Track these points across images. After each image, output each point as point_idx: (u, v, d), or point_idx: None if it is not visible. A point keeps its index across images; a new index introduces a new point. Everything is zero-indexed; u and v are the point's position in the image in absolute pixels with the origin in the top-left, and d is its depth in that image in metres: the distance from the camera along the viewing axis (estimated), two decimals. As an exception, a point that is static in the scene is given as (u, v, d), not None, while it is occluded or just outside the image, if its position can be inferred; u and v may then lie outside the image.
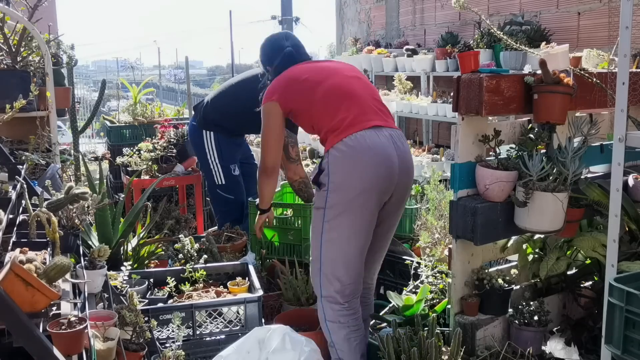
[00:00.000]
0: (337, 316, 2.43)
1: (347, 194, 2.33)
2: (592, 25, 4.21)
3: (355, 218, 2.35)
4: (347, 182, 2.33)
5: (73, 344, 1.52)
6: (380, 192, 2.37)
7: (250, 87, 3.58)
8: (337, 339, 2.44)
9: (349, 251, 2.38)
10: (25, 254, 1.59)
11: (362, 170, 2.31)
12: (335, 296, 2.41)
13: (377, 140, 2.35)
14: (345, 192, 2.33)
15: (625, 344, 1.74)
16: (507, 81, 2.35)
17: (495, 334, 2.52)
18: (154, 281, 2.86)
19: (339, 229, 2.35)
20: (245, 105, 3.45)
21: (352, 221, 2.35)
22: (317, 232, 2.40)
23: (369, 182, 2.32)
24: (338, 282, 2.40)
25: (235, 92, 3.74)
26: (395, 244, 3.27)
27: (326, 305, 2.44)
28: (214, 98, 3.82)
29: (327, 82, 2.49)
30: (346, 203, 2.33)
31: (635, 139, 1.90)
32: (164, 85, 28.29)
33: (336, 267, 2.39)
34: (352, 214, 2.34)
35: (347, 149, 2.33)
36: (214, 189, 3.87)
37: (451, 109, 2.84)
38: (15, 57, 3.49)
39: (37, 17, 3.59)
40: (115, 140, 4.91)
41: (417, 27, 6.32)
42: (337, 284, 2.40)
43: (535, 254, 2.71)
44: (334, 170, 2.34)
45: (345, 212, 2.34)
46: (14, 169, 2.44)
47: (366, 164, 2.32)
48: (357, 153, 2.32)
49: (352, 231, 2.36)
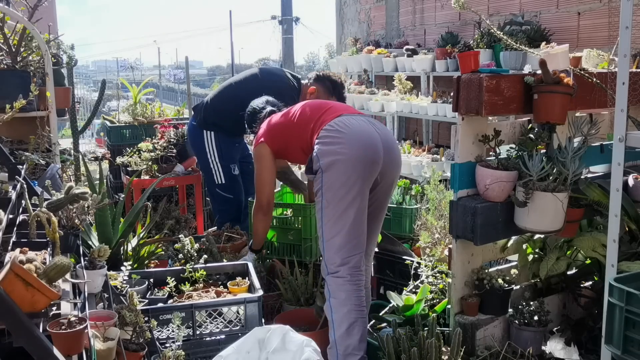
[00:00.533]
0: (340, 290, 2.50)
1: (338, 169, 2.47)
2: (592, 25, 4.21)
3: (349, 189, 2.48)
4: (335, 158, 2.48)
5: (73, 344, 1.52)
6: (367, 164, 2.51)
7: (249, 87, 3.58)
8: (337, 317, 2.48)
9: (346, 223, 2.50)
10: (25, 254, 1.59)
11: (347, 144, 2.49)
12: (339, 270, 2.51)
13: (353, 121, 2.57)
14: (336, 167, 2.47)
15: (625, 344, 1.74)
16: (507, 81, 2.35)
17: (495, 334, 2.52)
18: (154, 281, 2.85)
19: (336, 203, 2.49)
20: (244, 104, 3.45)
21: (346, 193, 2.48)
22: (319, 213, 2.56)
23: (355, 154, 2.48)
24: (339, 256, 2.51)
25: (235, 91, 3.74)
26: (395, 244, 3.27)
27: (331, 281, 2.53)
28: (214, 98, 3.82)
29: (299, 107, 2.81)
30: (338, 177, 2.48)
31: (635, 139, 1.90)
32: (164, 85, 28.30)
33: (337, 239, 2.51)
34: (345, 186, 2.48)
35: (329, 132, 2.54)
36: (214, 188, 3.87)
37: (451, 109, 2.85)
38: (15, 57, 3.49)
39: (37, 17, 3.59)
40: (115, 140, 4.91)
41: (417, 27, 6.32)
42: (338, 257, 2.51)
43: (535, 254, 2.71)
44: (321, 153, 2.51)
45: (339, 185, 2.48)
46: (14, 169, 2.44)
47: (349, 140, 2.50)
48: (339, 133, 2.52)
49: (347, 203, 2.48)
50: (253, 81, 3.70)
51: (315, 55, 32.25)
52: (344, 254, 2.51)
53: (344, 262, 2.51)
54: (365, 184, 2.52)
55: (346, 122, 2.56)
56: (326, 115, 2.64)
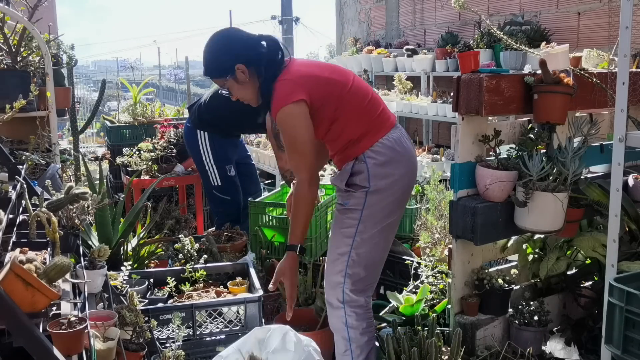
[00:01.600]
0: (361, 320, 2.33)
1: (386, 196, 2.28)
2: (592, 25, 4.21)
3: (389, 219, 2.33)
4: (388, 184, 2.28)
5: (73, 344, 1.52)
6: (410, 193, 2.43)
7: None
8: (356, 346, 2.34)
9: (378, 251, 2.34)
10: (25, 254, 1.59)
11: (401, 172, 2.30)
12: (358, 299, 2.32)
13: (407, 142, 2.37)
14: (385, 194, 2.28)
15: (625, 344, 1.74)
16: (507, 81, 2.35)
17: (495, 334, 2.52)
18: (154, 281, 2.85)
19: (374, 230, 2.29)
20: (238, 105, 3.45)
21: (388, 224, 2.32)
22: (348, 235, 2.30)
23: (407, 182, 2.34)
24: (363, 284, 2.33)
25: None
26: (395, 244, 3.27)
27: (349, 310, 2.32)
28: (208, 98, 3.80)
29: (349, 82, 2.33)
30: (385, 206, 2.29)
31: (635, 139, 1.90)
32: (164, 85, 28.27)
33: (365, 268, 2.32)
34: (389, 216, 2.32)
35: (387, 150, 2.28)
36: (210, 190, 3.86)
37: (451, 109, 2.84)
38: (15, 57, 3.49)
39: (37, 17, 3.60)
40: (115, 140, 4.91)
41: (417, 27, 6.32)
42: (362, 285, 2.33)
43: (535, 254, 2.71)
44: (375, 174, 2.26)
45: (383, 216, 2.30)
46: (14, 169, 2.44)
47: (404, 167, 2.32)
48: (396, 155, 2.30)
49: (385, 231, 2.33)
50: None
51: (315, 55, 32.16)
52: (367, 281, 2.35)
53: (365, 289, 2.34)
54: (403, 210, 2.40)
55: (402, 140, 2.33)
56: (383, 119, 2.33)
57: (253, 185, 4.13)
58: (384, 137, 2.29)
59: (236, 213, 3.87)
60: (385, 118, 2.34)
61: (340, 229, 2.33)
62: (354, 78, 2.36)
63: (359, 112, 2.30)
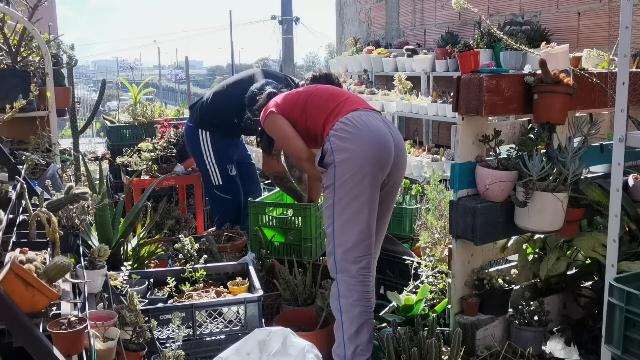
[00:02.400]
0: (352, 291, 2.45)
1: (352, 166, 2.43)
2: (592, 25, 4.21)
3: (363, 188, 2.44)
4: (351, 155, 2.44)
5: (73, 344, 1.52)
6: (380, 165, 2.48)
7: (245, 87, 3.57)
8: (346, 318, 2.44)
9: (360, 222, 2.46)
10: (25, 254, 1.59)
11: (363, 142, 2.45)
12: (350, 268, 2.46)
13: (371, 120, 2.53)
14: (351, 163, 2.43)
15: (625, 344, 1.74)
16: (507, 81, 2.35)
17: (495, 334, 2.52)
18: (154, 281, 2.85)
19: (350, 200, 2.44)
20: (240, 105, 3.45)
21: (361, 191, 2.44)
22: (329, 209, 2.49)
23: (370, 153, 2.44)
24: (353, 254, 2.46)
25: (231, 91, 3.71)
26: (395, 244, 3.27)
27: (340, 280, 2.47)
28: (210, 98, 3.80)
29: (315, 88, 2.75)
30: (353, 174, 2.43)
31: (635, 139, 1.90)
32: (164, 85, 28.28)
33: (350, 238, 2.46)
34: (360, 184, 2.43)
35: (346, 126, 2.49)
36: (211, 189, 3.86)
37: (451, 109, 2.84)
38: (15, 57, 3.49)
39: (37, 17, 3.60)
40: (115, 140, 4.91)
41: (417, 27, 6.32)
42: (352, 255, 2.46)
43: (535, 254, 2.71)
44: (337, 147, 2.46)
45: (353, 183, 2.43)
46: (14, 169, 2.44)
47: (365, 138, 2.46)
48: (356, 129, 2.48)
49: (361, 202, 2.44)
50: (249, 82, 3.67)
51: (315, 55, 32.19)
52: (357, 252, 2.46)
53: (355, 261, 2.46)
54: (377, 184, 2.49)
55: (364, 118, 2.51)
56: (343, 106, 2.58)
57: (253, 185, 4.13)
58: (343, 117, 2.52)
59: (236, 213, 3.88)
60: (346, 105, 2.59)
61: (324, 207, 2.57)
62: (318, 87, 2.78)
63: (319, 107, 2.63)
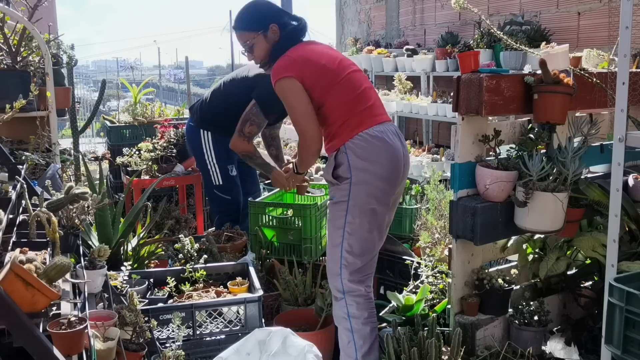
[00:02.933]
0: (362, 310, 2.40)
1: (369, 187, 2.36)
2: (592, 25, 4.21)
3: (376, 209, 2.39)
4: (369, 176, 2.36)
5: (73, 344, 1.52)
6: (394, 186, 2.45)
7: (241, 85, 3.57)
8: (359, 337, 2.40)
9: (370, 241, 2.42)
10: (25, 254, 1.59)
11: (381, 164, 2.37)
12: (359, 289, 2.41)
13: (390, 136, 2.42)
14: (368, 184, 2.36)
15: (625, 344, 1.74)
16: (507, 81, 2.35)
17: (495, 334, 2.52)
18: (154, 281, 2.85)
19: (362, 222, 2.38)
20: (236, 103, 3.46)
21: (373, 212, 2.39)
22: (339, 226, 2.40)
23: (387, 174, 2.39)
24: (360, 274, 2.42)
25: (229, 89, 3.70)
26: (395, 244, 3.27)
27: (350, 300, 2.40)
28: (209, 97, 3.80)
29: (343, 74, 2.45)
30: (369, 195, 2.37)
31: (635, 139, 1.90)
32: (164, 85, 28.27)
33: (359, 258, 2.40)
34: (374, 205, 2.38)
35: (367, 144, 2.36)
36: (212, 189, 3.85)
37: (451, 109, 2.84)
38: (15, 57, 3.49)
39: (37, 17, 3.59)
40: (115, 140, 4.91)
41: (417, 27, 6.32)
42: (360, 275, 2.42)
43: (535, 254, 2.71)
44: (355, 165, 2.35)
45: (368, 206, 2.37)
46: (14, 169, 2.44)
47: (384, 159, 2.38)
48: (376, 148, 2.37)
49: (373, 222, 2.40)
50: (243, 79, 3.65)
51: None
52: (364, 271, 2.44)
53: (362, 279, 2.43)
54: (388, 202, 2.46)
55: (385, 135, 2.39)
56: (368, 115, 2.41)
57: (253, 185, 4.13)
58: (364, 131, 2.37)
59: (236, 213, 3.87)
60: (371, 113, 2.42)
61: (332, 222, 2.45)
62: (350, 72, 2.48)
63: (343, 103, 2.41)
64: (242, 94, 3.49)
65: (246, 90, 3.48)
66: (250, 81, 3.51)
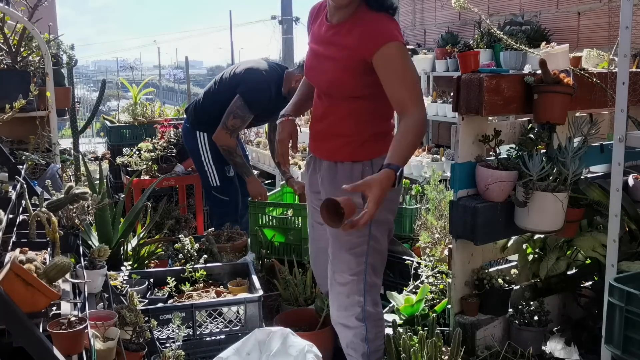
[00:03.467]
0: (380, 332, 2.30)
1: (392, 206, 2.31)
2: (592, 25, 4.21)
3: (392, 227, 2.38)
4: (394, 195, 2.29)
5: (73, 344, 1.52)
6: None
7: (230, 83, 3.57)
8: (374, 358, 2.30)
9: (385, 253, 2.37)
10: (25, 254, 1.59)
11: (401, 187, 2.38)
12: (378, 311, 2.29)
13: None
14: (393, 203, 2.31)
15: (625, 344, 1.74)
16: (507, 81, 2.35)
17: (495, 334, 2.52)
18: (154, 281, 2.85)
19: (383, 236, 2.29)
20: (227, 101, 3.47)
21: (390, 231, 2.37)
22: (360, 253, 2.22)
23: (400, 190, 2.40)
24: (378, 291, 2.35)
25: (218, 89, 3.69)
26: (395, 244, 3.27)
27: (371, 326, 2.26)
28: (202, 97, 3.81)
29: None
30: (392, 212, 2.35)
31: (635, 139, 1.90)
32: (164, 85, 28.25)
33: (380, 280, 2.36)
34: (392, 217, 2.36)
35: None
36: (209, 190, 3.86)
37: (451, 109, 2.84)
38: (15, 57, 3.49)
39: (37, 17, 3.60)
40: (115, 140, 4.91)
41: (417, 27, 6.32)
42: (378, 295, 2.34)
43: (535, 254, 2.71)
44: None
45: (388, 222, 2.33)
46: (14, 169, 2.44)
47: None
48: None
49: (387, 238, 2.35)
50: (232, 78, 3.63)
51: (315, 55, 31.95)
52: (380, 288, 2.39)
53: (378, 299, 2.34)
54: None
55: None
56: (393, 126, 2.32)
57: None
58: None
59: (234, 213, 3.87)
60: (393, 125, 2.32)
61: (348, 250, 2.21)
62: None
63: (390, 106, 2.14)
64: (232, 91, 3.49)
65: (235, 87, 3.49)
66: (238, 77, 3.53)
